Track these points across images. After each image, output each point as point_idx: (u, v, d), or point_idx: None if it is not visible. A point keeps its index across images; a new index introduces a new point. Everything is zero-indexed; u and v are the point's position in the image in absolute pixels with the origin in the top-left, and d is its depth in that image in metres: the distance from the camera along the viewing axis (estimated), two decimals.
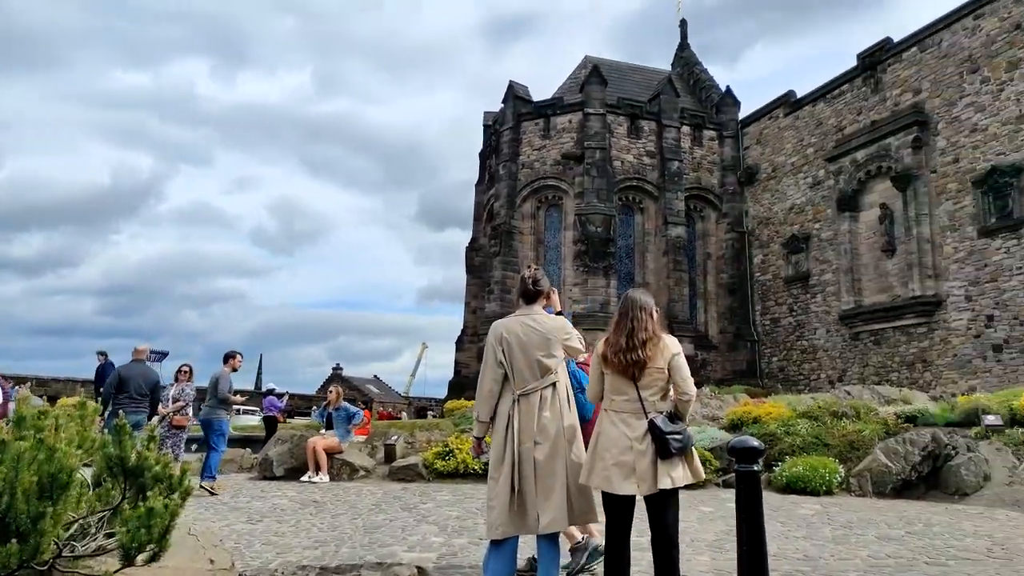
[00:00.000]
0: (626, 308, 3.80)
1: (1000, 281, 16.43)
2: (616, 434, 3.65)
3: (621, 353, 3.67)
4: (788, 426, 9.79)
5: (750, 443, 3.01)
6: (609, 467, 3.62)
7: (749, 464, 2.97)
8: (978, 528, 6.77)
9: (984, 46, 17.41)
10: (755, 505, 2.86)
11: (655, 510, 3.69)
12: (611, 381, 3.77)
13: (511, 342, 4.01)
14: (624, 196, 24.23)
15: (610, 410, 3.76)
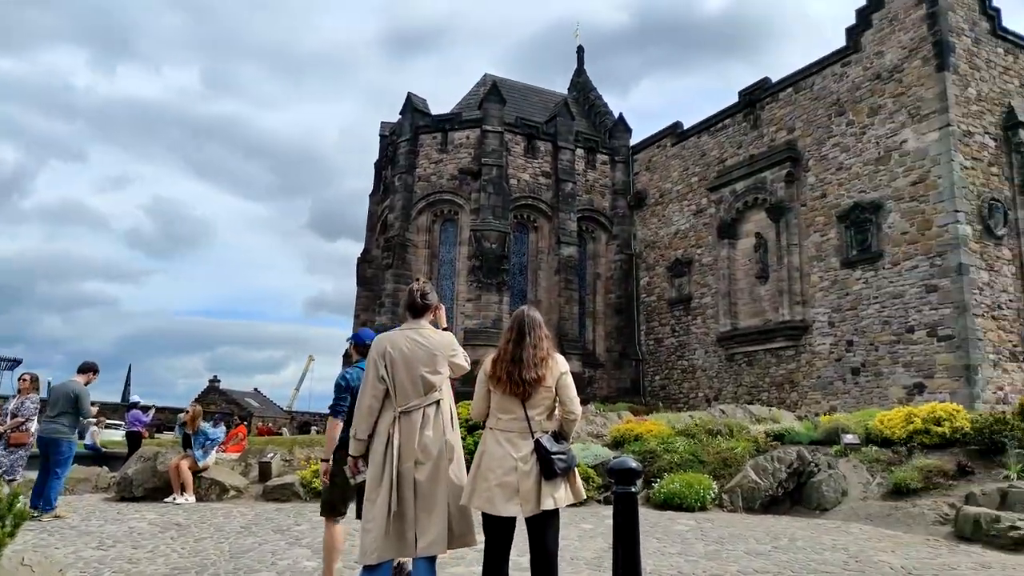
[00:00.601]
0: (523, 326, 3.75)
1: (859, 309, 17.79)
2: (501, 454, 3.58)
3: (516, 372, 3.62)
4: (667, 443, 10.09)
5: (628, 464, 3.02)
6: (492, 488, 3.54)
7: (627, 486, 2.98)
8: (836, 541, 7.18)
9: (850, 92, 18.94)
10: (631, 526, 2.86)
11: (536, 531, 3.64)
12: (499, 400, 3.69)
13: (395, 357, 3.87)
14: (519, 214, 24.51)
15: (495, 429, 3.68)
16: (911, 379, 16.34)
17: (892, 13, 18.15)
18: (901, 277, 16.99)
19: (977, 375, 15.32)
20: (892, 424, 9.87)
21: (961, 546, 7.03)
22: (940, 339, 15.94)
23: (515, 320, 3.82)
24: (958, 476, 8.44)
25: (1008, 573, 5.95)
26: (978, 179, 16.74)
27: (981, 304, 15.88)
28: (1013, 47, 18.36)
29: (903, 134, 17.47)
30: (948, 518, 7.68)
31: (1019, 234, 16.94)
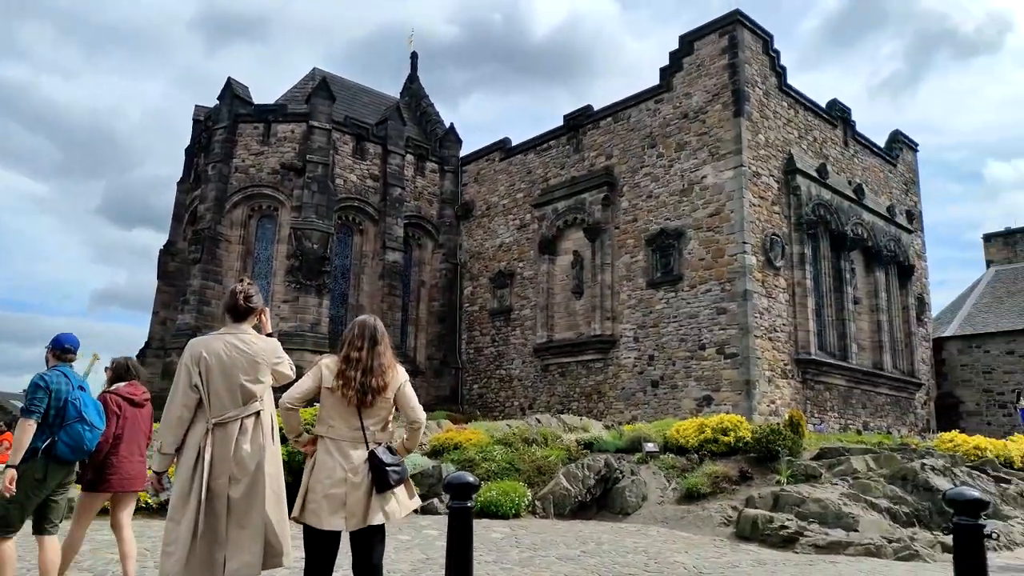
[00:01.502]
0: (369, 335, 3.64)
1: (660, 327, 19.35)
2: (331, 464, 3.44)
3: (367, 380, 3.50)
4: (485, 452, 10.27)
5: (465, 479, 3.02)
6: (319, 500, 3.38)
7: (463, 500, 2.97)
8: (637, 544, 7.71)
9: (661, 127, 20.61)
10: (465, 541, 2.86)
11: (362, 546, 3.53)
12: (334, 408, 3.55)
13: (211, 363, 3.58)
14: (344, 215, 23.85)
15: (327, 438, 3.53)
16: (701, 392, 18.03)
17: (700, 59, 20.04)
18: (697, 299, 18.72)
19: (755, 389, 17.25)
20: (687, 433, 10.82)
21: (742, 545, 7.85)
22: (726, 356, 17.76)
23: (364, 327, 3.70)
24: (740, 481, 9.43)
25: (779, 568, 6.73)
26: (763, 215, 18.92)
27: (760, 326, 17.92)
28: (795, 102, 21.03)
29: (704, 170, 19.30)
30: (731, 520, 8.55)
31: (793, 266, 19.35)
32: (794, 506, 8.37)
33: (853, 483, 9.08)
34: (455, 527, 2.94)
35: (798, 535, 7.71)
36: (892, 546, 7.37)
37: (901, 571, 6.75)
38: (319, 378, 3.59)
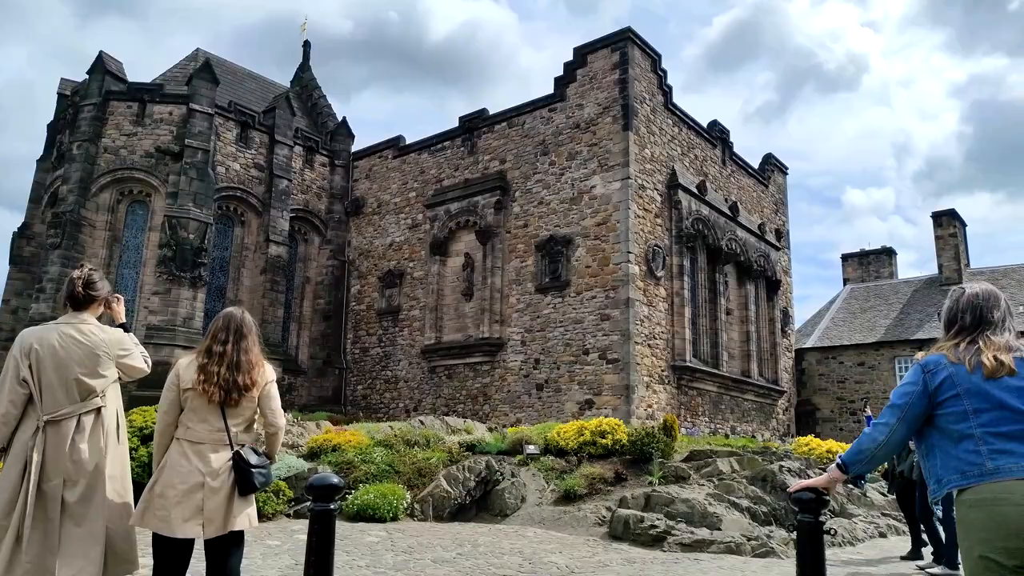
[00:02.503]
0: (235, 328, 3.43)
1: (547, 331, 19.69)
2: (187, 468, 3.21)
3: (231, 378, 3.28)
4: (365, 454, 10.05)
5: (330, 480, 2.90)
6: (171, 506, 3.15)
7: (326, 503, 2.86)
8: (513, 545, 7.77)
9: (554, 135, 21.01)
10: (326, 546, 2.76)
11: (219, 554, 3.32)
12: (195, 407, 3.32)
13: (42, 355, 3.28)
14: (225, 206, 22.71)
15: (184, 440, 3.30)
16: (583, 396, 18.49)
17: (593, 72, 20.60)
18: (583, 305, 19.20)
19: (634, 394, 17.89)
20: (567, 436, 11.04)
21: (614, 544, 8.09)
22: (609, 362, 18.32)
23: (230, 320, 3.48)
24: (616, 482, 9.72)
25: (647, 566, 6.98)
26: (646, 227, 19.67)
27: (641, 333, 18.62)
28: (679, 120, 22.03)
29: (593, 180, 19.84)
30: (605, 520, 8.79)
31: (672, 277, 20.24)
32: (664, 506, 8.71)
33: (718, 484, 9.57)
34: (317, 531, 2.82)
35: (666, 534, 8.03)
36: (751, 544, 7.82)
37: (757, 566, 7.16)
38: (176, 383, 3.35)
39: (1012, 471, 2.32)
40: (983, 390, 2.47)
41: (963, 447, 2.45)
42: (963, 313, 2.70)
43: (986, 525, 2.30)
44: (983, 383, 2.48)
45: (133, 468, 8.05)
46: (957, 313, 2.73)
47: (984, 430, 2.43)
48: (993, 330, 2.62)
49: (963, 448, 2.45)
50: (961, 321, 2.69)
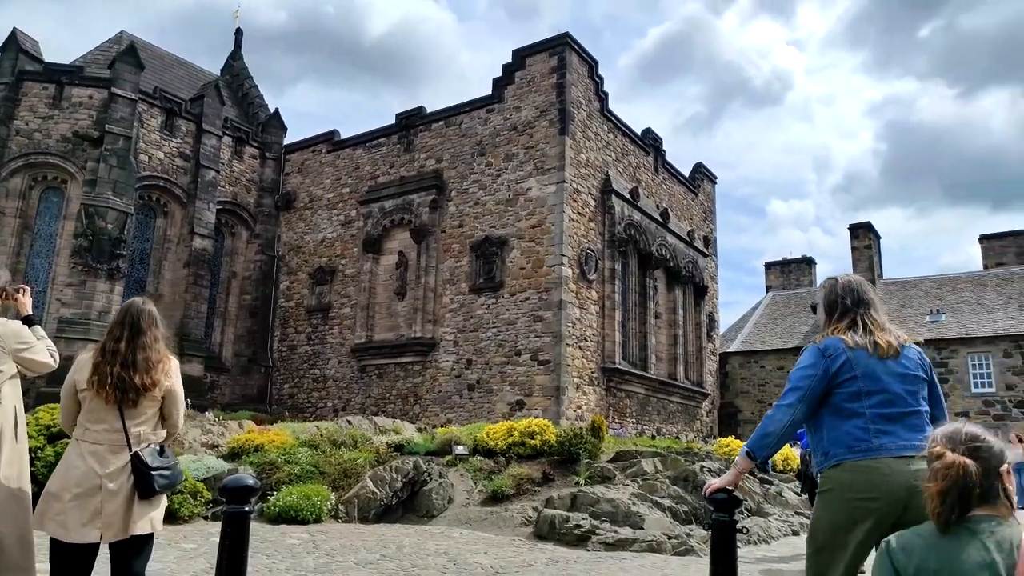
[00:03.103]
0: (138, 322, 3.27)
1: (480, 332, 19.69)
2: (83, 470, 3.06)
3: (126, 376, 3.12)
4: (289, 454, 9.82)
5: (244, 482, 2.81)
6: (67, 509, 2.99)
7: (240, 504, 2.77)
8: (439, 546, 7.73)
9: (491, 136, 21.03)
10: (239, 550, 2.67)
11: (123, 560, 3.18)
12: (91, 406, 3.16)
13: None
14: (147, 195, 21.79)
15: (82, 440, 3.14)
16: (514, 397, 18.57)
17: (531, 75, 20.72)
18: (516, 307, 19.29)
19: (564, 395, 18.08)
20: (496, 437, 11.07)
21: (539, 544, 8.15)
22: (540, 363, 18.46)
23: (126, 314, 3.32)
24: (543, 483, 9.79)
25: (571, 565, 7.06)
26: (580, 230, 19.93)
27: (572, 335, 18.84)
28: (614, 127, 22.40)
29: (529, 182, 19.96)
30: (532, 520, 8.85)
31: (604, 280, 20.56)
32: (589, 506, 8.84)
33: (643, 484, 9.78)
34: (230, 534, 2.72)
35: (591, 533, 8.14)
36: (671, 542, 8.02)
37: (676, 564, 7.35)
38: (72, 385, 3.18)
39: (891, 450, 2.62)
40: (875, 374, 2.74)
41: (852, 423, 2.71)
42: (842, 297, 2.96)
43: (861, 483, 2.61)
44: (876, 367, 2.75)
45: (39, 468, 7.65)
46: (837, 298, 2.98)
47: (873, 411, 2.70)
48: (874, 308, 2.93)
49: (852, 424, 2.70)
50: (843, 304, 2.95)
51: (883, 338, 2.80)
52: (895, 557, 1.84)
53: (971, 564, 1.69)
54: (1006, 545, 1.70)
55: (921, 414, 2.75)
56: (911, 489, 2.46)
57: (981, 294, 28.33)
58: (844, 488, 2.66)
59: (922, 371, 2.84)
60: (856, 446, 2.67)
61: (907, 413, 2.71)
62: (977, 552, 1.71)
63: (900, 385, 2.74)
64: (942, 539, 1.78)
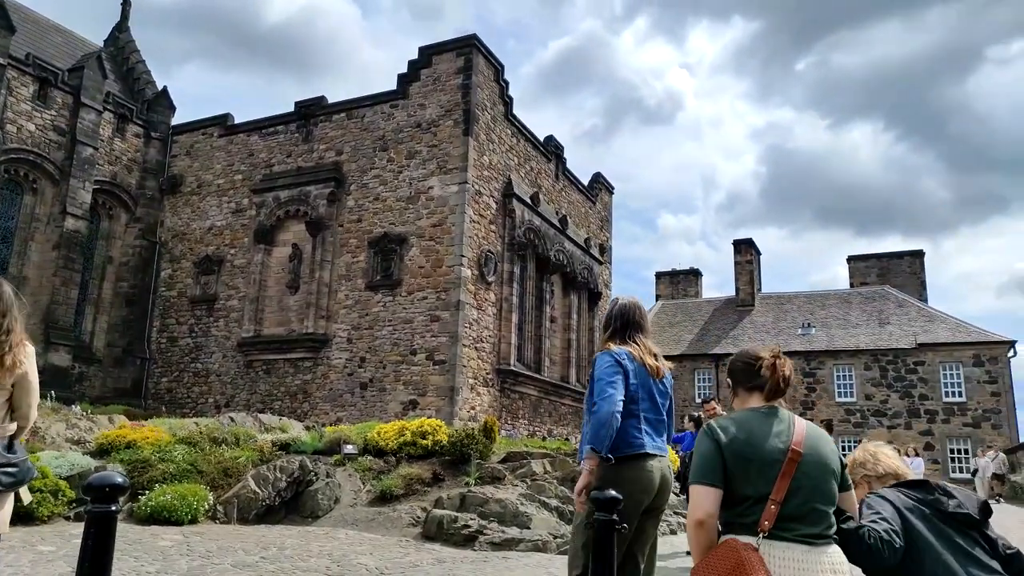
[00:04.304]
0: None
1: (375, 329, 19.36)
2: None
3: None
4: (164, 452, 9.29)
5: (112, 480, 2.61)
6: None
7: (106, 504, 2.57)
8: (323, 547, 7.54)
9: (394, 132, 20.75)
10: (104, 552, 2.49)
11: None
12: None
13: None
14: (14, 170, 20.02)
15: None
16: (408, 396, 18.39)
17: (437, 74, 20.62)
18: (413, 305, 19.11)
19: (458, 396, 18.07)
20: (387, 436, 10.91)
21: (427, 545, 8.10)
22: (435, 363, 18.37)
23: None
24: (433, 483, 9.74)
25: (458, 565, 7.07)
26: (480, 232, 20.01)
27: (469, 336, 18.87)
28: (517, 132, 22.65)
29: (431, 181, 19.84)
30: (420, 520, 8.79)
31: (503, 282, 20.73)
32: (478, 506, 8.87)
33: (531, 484, 9.92)
34: (94, 535, 2.52)
35: (478, 534, 8.18)
36: (556, 541, 8.18)
37: (560, 563, 7.50)
38: None
39: (647, 447, 3.28)
40: (647, 384, 3.37)
41: (629, 423, 3.26)
42: (615, 319, 3.54)
43: (635, 478, 3.23)
44: (647, 379, 3.38)
45: None
46: (611, 318, 3.57)
47: (644, 415, 3.32)
48: (642, 332, 3.51)
49: (629, 424, 3.26)
50: (614, 325, 3.52)
51: (652, 362, 3.41)
52: (714, 432, 2.40)
53: (772, 430, 2.38)
54: (786, 419, 2.43)
55: (665, 423, 3.46)
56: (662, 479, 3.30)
57: (847, 310, 30.71)
58: (627, 485, 3.19)
59: (670, 391, 3.54)
60: (634, 442, 3.26)
61: (660, 421, 3.41)
62: (776, 424, 2.40)
63: (660, 399, 3.42)
64: (750, 417, 2.44)
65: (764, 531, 2.23)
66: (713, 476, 2.32)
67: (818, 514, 2.30)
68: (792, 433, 2.36)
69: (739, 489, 2.32)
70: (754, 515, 2.27)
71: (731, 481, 2.32)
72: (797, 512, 2.26)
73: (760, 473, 2.29)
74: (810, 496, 2.28)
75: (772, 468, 2.29)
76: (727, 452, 2.33)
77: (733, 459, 2.32)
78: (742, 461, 2.31)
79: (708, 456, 2.36)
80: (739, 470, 2.31)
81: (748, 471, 2.30)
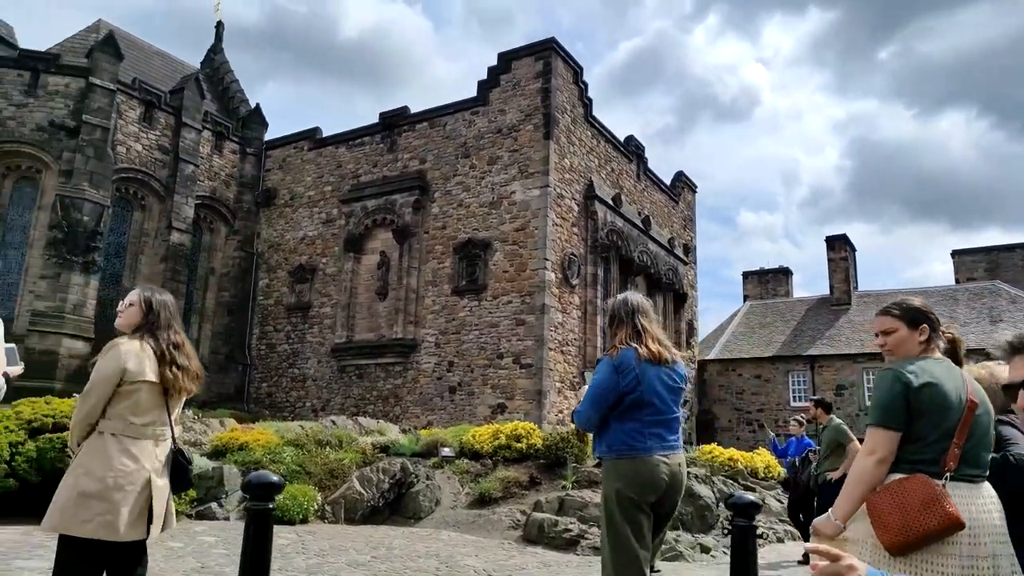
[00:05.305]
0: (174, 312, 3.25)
1: (462, 334, 19.62)
2: (132, 466, 2.97)
3: (185, 367, 3.10)
4: (274, 454, 9.68)
5: (269, 478, 2.76)
6: (115, 509, 2.89)
7: (265, 501, 2.72)
8: (428, 548, 7.68)
9: (475, 139, 21.00)
10: (264, 544, 2.63)
11: (129, 560, 3.12)
12: (139, 399, 3.06)
13: None
14: (124, 188, 21.39)
15: (123, 436, 3.02)
16: (496, 400, 18.53)
17: (516, 79, 20.74)
18: (498, 310, 19.26)
19: (545, 399, 18.08)
20: (482, 439, 11.02)
21: (529, 548, 8.13)
22: (522, 366, 18.45)
23: (164, 304, 3.31)
24: (530, 486, 9.77)
25: (562, 569, 7.06)
26: (563, 235, 19.98)
27: (554, 340, 18.86)
28: (597, 133, 22.51)
29: (513, 186, 19.96)
30: (520, 523, 8.83)
31: (586, 285, 20.63)
32: (577, 510, 8.83)
33: None
34: (254, 531, 2.67)
35: (580, 538, 8.15)
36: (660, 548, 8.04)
37: (667, 570, 7.38)
38: (118, 374, 2.99)
39: (652, 451, 3.29)
40: (655, 383, 3.34)
41: (633, 428, 3.30)
42: (619, 309, 3.55)
43: (633, 476, 3.26)
44: (653, 381, 3.33)
45: (19, 463, 7.45)
46: (616, 311, 3.57)
47: (650, 418, 3.32)
48: (648, 319, 3.51)
49: (633, 429, 3.30)
50: (619, 315, 3.53)
51: (655, 349, 3.40)
52: (903, 375, 2.50)
53: (951, 379, 2.52)
54: (958, 371, 2.60)
55: (678, 419, 3.46)
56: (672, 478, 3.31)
57: (953, 308, 28.95)
58: (621, 481, 3.29)
59: (681, 382, 3.51)
60: (634, 446, 3.31)
61: (673, 418, 3.42)
62: (953, 374, 2.56)
63: (668, 395, 3.39)
64: (932, 365, 2.55)
65: (950, 471, 2.41)
66: (898, 420, 2.46)
67: (983, 458, 2.51)
68: (966, 384, 2.54)
69: (919, 431, 2.46)
70: (928, 454, 2.43)
71: (912, 422, 2.46)
72: (968, 455, 2.45)
73: (943, 416, 2.44)
74: (980, 442, 2.49)
75: (953, 413, 2.45)
76: (913, 396, 2.46)
77: (919, 402, 2.46)
78: (927, 404, 2.45)
79: (895, 399, 2.48)
80: (923, 412, 2.45)
81: (932, 414, 2.45)
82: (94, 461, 2.93)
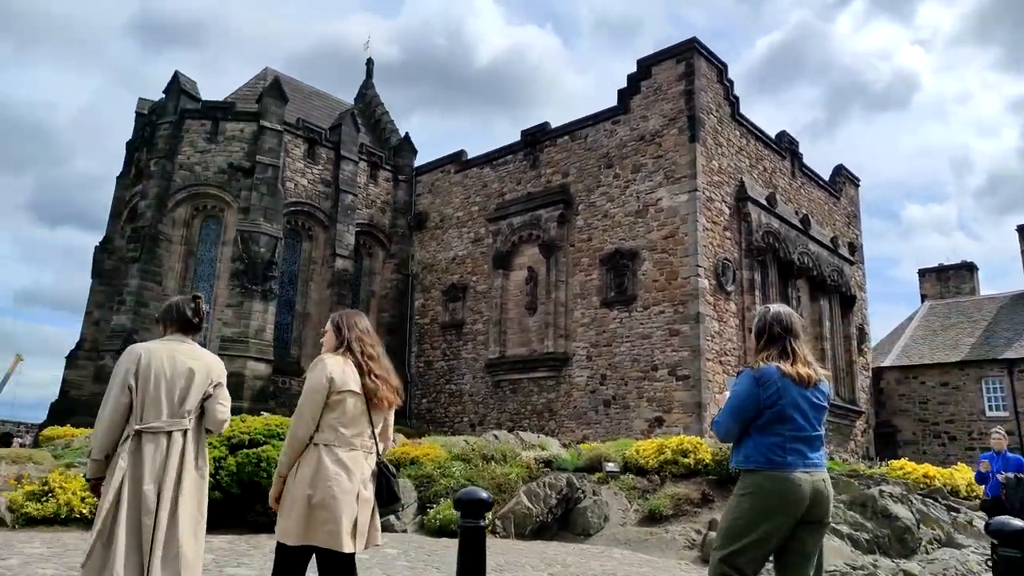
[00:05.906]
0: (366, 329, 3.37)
1: (613, 346, 19.33)
2: (345, 477, 3.09)
3: (387, 378, 3.22)
4: (444, 468, 9.93)
5: (479, 495, 2.74)
6: (337, 518, 3.02)
7: (475, 519, 2.69)
8: (603, 567, 7.50)
9: (618, 148, 20.74)
10: (479, 560, 2.60)
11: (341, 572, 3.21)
12: (347, 410, 3.19)
13: (153, 369, 3.29)
14: (294, 220, 23.16)
15: (335, 446, 3.15)
16: (653, 413, 18.05)
17: (657, 84, 20.29)
18: (650, 320, 18.80)
19: (705, 412, 17.35)
20: (646, 454, 10.69)
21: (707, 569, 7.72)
22: (679, 378, 17.85)
23: (351, 319, 3.43)
24: (702, 504, 9.34)
25: None
26: (715, 240, 19.20)
27: (712, 349, 18.10)
28: (746, 132, 21.51)
29: (659, 192, 19.48)
30: (695, 543, 8.43)
31: (743, 291, 19.67)
32: None
33: None
34: (468, 548, 2.66)
35: None
36: (856, 573, 7.36)
37: None
38: (326, 386, 3.11)
39: (794, 467, 3.20)
40: (798, 401, 3.26)
41: (774, 442, 3.21)
42: (769, 326, 3.44)
43: (776, 493, 3.16)
44: (795, 397, 3.25)
45: (222, 477, 8.09)
46: (764, 327, 3.46)
47: (792, 434, 3.22)
48: (797, 339, 3.41)
49: (775, 443, 3.21)
50: (768, 333, 3.43)
51: (803, 371, 3.29)
52: None
53: None
54: None
55: (821, 437, 3.37)
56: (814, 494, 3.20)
57: None
58: (763, 498, 3.19)
59: (825, 401, 3.41)
60: (773, 460, 3.21)
61: (816, 436, 3.33)
62: None
63: (811, 413, 3.30)
64: None
65: None
66: None
67: None
68: None
69: None
70: None
71: None
72: None
73: None
74: None
75: None
76: None
77: None
78: None
79: None
80: None
81: None
82: (313, 472, 3.05)
